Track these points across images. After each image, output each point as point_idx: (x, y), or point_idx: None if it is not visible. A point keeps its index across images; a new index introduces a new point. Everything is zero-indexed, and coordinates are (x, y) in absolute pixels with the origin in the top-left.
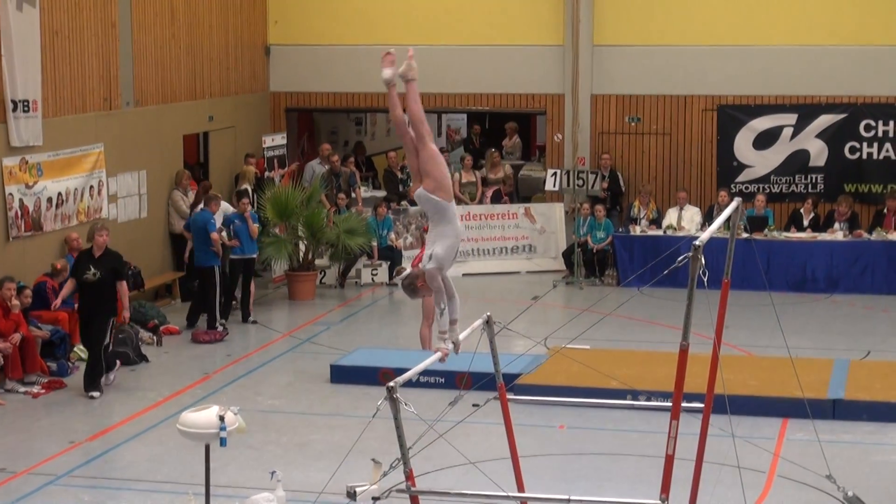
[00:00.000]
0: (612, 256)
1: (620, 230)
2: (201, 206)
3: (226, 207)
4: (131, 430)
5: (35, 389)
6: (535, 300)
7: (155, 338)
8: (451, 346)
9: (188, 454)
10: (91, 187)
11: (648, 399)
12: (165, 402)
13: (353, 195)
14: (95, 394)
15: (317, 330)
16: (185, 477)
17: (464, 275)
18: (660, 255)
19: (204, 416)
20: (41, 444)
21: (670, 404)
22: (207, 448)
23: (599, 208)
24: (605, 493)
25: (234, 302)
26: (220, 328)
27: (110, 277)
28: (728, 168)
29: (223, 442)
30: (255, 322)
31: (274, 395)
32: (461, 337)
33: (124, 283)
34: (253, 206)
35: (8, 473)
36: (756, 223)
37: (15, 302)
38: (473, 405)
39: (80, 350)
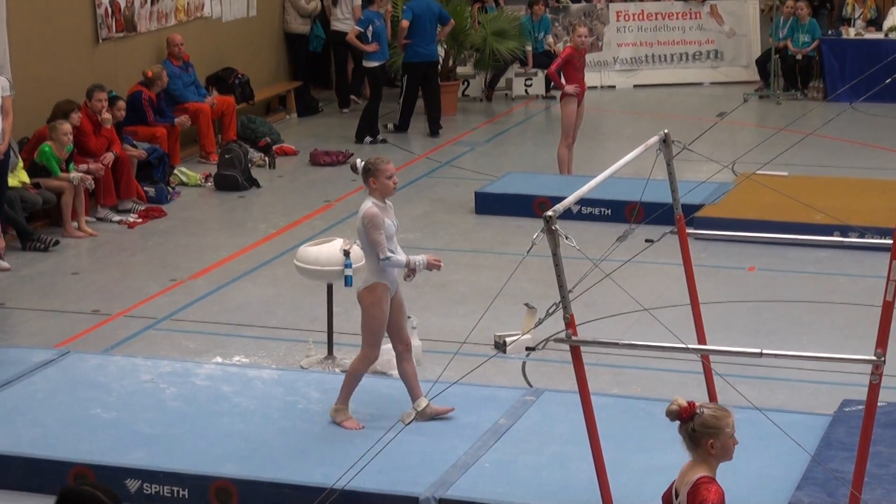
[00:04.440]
0: (818, 64)
1: (829, 33)
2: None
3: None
4: (241, 266)
5: (131, 218)
6: (722, 117)
7: (267, 159)
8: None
9: (307, 296)
10: None
11: (861, 236)
12: (280, 235)
13: None
14: None
15: (459, 151)
16: (304, 322)
17: (635, 86)
18: (879, 63)
19: (326, 252)
20: (138, 283)
21: (890, 242)
22: (330, 289)
23: (803, 6)
24: (806, 348)
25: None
26: (371, 140)
27: None
28: None
29: (349, 281)
30: (384, 141)
31: (408, 228)
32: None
33: None
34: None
35: (102, 316)
36: None
37: (106, 115)
38: (646, 241)
39: (180, 172)
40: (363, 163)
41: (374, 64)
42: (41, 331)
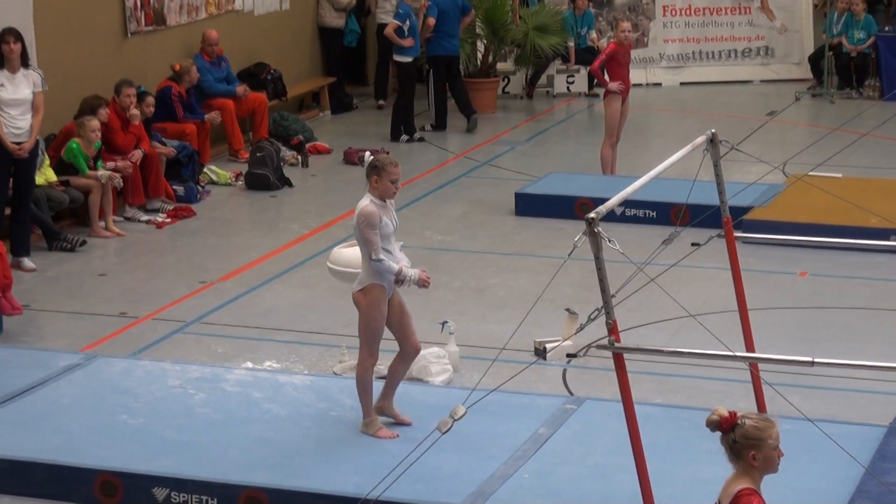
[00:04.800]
0: (874, 62)
1: (886, 29)
2: None
3: None
4: (272, 268)
5: (159, 218)
6: (772, 116)
7: (300, 157)
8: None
9: (341, 299)
10: None
11: None
12: (313, 236)
13: None
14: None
15: (498, 150)
16: (337, 327)
17: (682, 84)
18: None
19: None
20: (167, 285)
21: None
22: None
23: (859, 1)
24: (860, 356)
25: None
26: (406, 138)
27: None
28: None
29: None
30: (421, 139)
31: (445, 230)
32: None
33: None
34: None
35: (129, 319)
36: None
37: (135, 111)
38: (692, 244)
39: (210, 171)
40: (371, 157)
41: (408, 59)
42: (67, 333)
